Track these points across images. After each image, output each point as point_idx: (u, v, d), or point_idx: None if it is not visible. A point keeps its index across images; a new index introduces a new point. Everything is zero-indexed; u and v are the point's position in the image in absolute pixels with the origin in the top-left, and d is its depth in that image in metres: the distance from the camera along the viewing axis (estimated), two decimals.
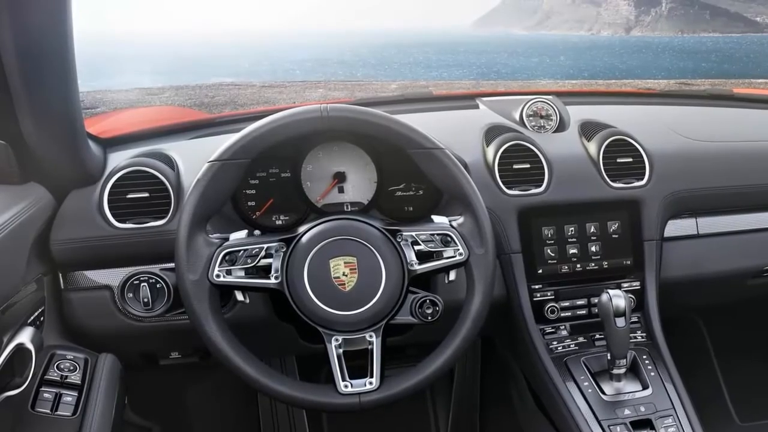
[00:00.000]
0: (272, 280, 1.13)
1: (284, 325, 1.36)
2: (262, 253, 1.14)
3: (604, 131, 1.53)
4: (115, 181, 1.30)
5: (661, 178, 1.51)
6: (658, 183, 1.50)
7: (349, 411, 1.13)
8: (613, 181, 1.48)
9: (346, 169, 1.37)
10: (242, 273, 1.13)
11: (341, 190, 1.38)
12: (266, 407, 1.92)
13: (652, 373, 1.35)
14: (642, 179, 1.50)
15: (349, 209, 1.37)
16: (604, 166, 1.49)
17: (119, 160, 1.36)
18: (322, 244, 1.14)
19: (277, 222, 1.35)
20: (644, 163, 1.51)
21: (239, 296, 1.17)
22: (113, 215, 1.29)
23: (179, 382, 1.80)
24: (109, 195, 1.29)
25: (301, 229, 1.17)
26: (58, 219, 1.27)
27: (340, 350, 1.13)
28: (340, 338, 1.13)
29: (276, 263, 1.14)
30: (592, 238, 1.46)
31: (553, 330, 1.44)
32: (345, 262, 1.14)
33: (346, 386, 1.11)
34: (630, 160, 1.51)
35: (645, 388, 1.33)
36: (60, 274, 1.30)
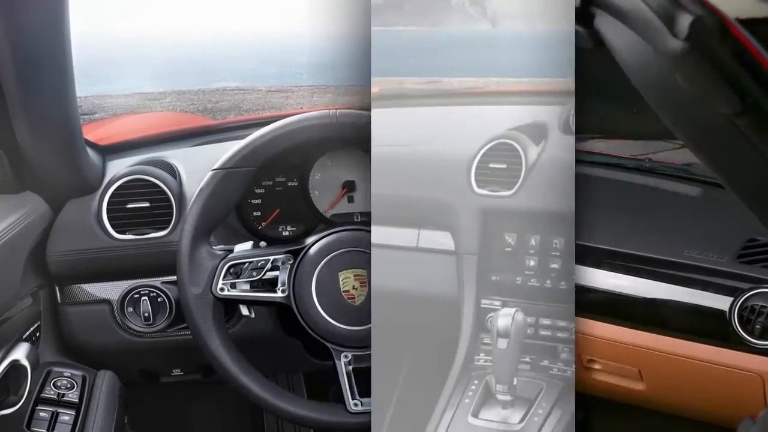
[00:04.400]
0: (279, 294, 1.11)
1: (291, 341, 1.34)
2: (268, 265, 1.12)
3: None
4: (115, 190, 1.28)
5: None
6: None
7: (359, 431, 1.11)
8: None
9: (356, 177, 1.35)
10: (247, 286, 1.11)
11: (351, 200, 1.35)
12: (272, 426, 1.90)
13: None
14: None
15: (359, 220, 1.34)
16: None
17: (119, 168, 1.34)
18: (330, 256, 1.12)
19: (284, 233, 1.33)
20: None
21: (244, 310, 1.15)
22: (112, 226, 1.26)
23: (181, 400, 1.79)
24: (108, 205, 1.27)
25: (309, 240, 1.15)
26: (55, 230, 1.25)
27: (350, 367, 1.11)
28: (349, 354, 1.11)
29: (282, 276, 1.12)
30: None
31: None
32: (355, 275, 1.12)
33: (356, 405, 1.09)
34: None
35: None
36: (57, 288, 1.28)
